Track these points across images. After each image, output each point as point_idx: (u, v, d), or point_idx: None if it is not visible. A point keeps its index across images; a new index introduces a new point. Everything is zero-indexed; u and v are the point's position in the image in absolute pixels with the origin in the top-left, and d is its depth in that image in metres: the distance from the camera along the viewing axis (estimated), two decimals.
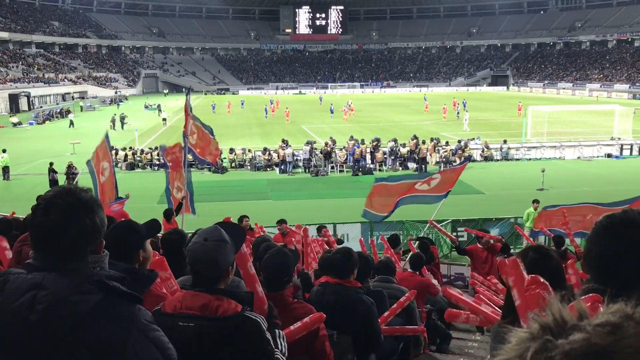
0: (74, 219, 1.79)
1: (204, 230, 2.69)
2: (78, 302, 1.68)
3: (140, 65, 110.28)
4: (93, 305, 1.69)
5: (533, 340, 0.84)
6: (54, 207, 1.79)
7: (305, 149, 28.46)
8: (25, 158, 30.82)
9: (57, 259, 1.77)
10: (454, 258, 15.34)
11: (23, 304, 1.68)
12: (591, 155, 30.44)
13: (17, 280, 1.76)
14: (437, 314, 7.52)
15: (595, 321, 0.83)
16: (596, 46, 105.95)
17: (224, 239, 2.61)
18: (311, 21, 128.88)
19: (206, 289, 2.58)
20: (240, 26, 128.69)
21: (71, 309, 1.67)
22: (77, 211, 1.80)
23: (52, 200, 1.81)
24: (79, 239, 1.79)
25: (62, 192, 1.85)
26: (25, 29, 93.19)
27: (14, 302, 1.70)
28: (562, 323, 0.85)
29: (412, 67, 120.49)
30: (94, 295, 1.71)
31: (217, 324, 2.48)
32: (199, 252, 2.57)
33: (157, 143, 34.21)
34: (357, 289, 4.31)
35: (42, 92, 72.18)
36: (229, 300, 2.56)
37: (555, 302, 0.89)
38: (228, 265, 2.63)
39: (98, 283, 1.74)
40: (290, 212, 17.60)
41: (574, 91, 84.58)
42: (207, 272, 2.57)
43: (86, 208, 1.83)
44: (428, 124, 44.61)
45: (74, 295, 1.69)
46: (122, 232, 2.97)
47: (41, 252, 1.81)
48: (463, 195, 22.87)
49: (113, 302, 1.73)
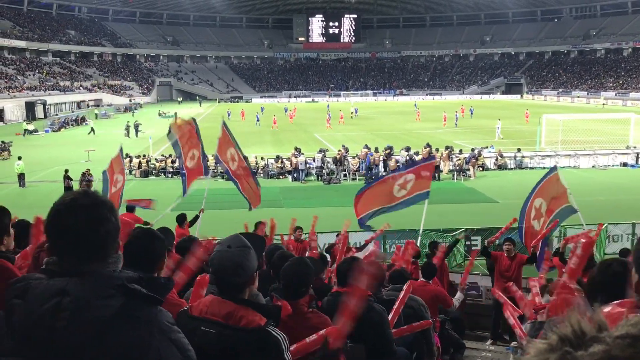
0: (103, 218, 1.79)
1: (226, 239, 2.73)
2: (102, 307, 1.68)
3: (154, 74, 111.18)
4: (116, 309, 1.69)
5: (552, 351, 0.83)
6: (80, 208, 1.77)
7: (318, 157, 28.48)
8: (40, 165, 31.12)
9: (79, 262, 1.76)
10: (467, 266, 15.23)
11: (48, 311, 1.67)
12: (606, 164, 30.14)
13: (39, 286, 1.74)
14: (451, 323, 7.47)
15: (615, 333, 0.82)
16: (611, 54, 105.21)
17: (248, 245, 2.63)
18: (324, 29, 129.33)
19: (233, 296, 2.58)
20: (254, 35, 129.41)
21: (96, 314, 1.67)
22: (103, 210, 1.81)
23: (76, 202, 1.79)
24: (106, 238, 1.80)
25: (81, 194, 1.84)
26: (42, 37, 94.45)
27: (38, 308, 1.68)
28: (581, 335, 0.84)
29: (426, 75, 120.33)
30: (116, 300, 1.71)
31: (238, 335, 2.48)
32: (224, 258, 2.58)
33: (171, 150, 34.39)
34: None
35: (57, 100, 72.98)
36: (253, 312, 2.56)
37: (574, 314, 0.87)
38: (253, 271, 2.65)
39: (120, 287, 1.74)
40: (303, 220, 17.57)
41: (589, 99, 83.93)
42: (233, 278, 2.58)
43: (109, 207, 1.84)
44: (441, 132, 44.47)
45: (97, 300, 1.69)
46: (147, 239, 2.94)
47: (66, 255, 1.78)
48: (476, 204, 22.77)
49: (135, 306, 1.73)
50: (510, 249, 9.96)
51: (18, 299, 1.75)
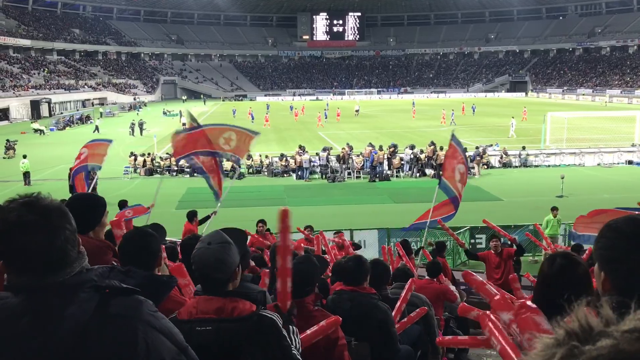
0: (56, 229, 1.66)
1: (206, 235, 2.74)
2: (76, 314, 1.60)
3: (159, 72, 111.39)
4: (92, 312, 1.61)
5: (559, 346, 0.83)
6: (29, 225, 1.62)
7: (322, 155, 28.48)
8: (45, 164, 31.23)
9: (42, 277, 1.64)
10: (471, 265, 15.23)
11: (23, 332, 1.56)
12: (611, 162, 30.04)
13: (5, 306, 1.62)
14: (455, 322, 7.46)
15: (623, 327, 0.82)
16: (616, 52, 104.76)
17: (228, 241, 2.64)
18: (328, 28, 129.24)
19: (218, 292, 2.59)
20: (258, 33, 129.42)
21: (72, 324, 1.58)
22: (55, 219, 1.67)
23: (23, 218, 1.62)
24: (66, 246, 1.68)
25: (25, 206, 1.66)
26: (46, 36, 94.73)
27: (9, 330, 1.58)
28: (588, 329, 0.84)
29: (430, 73, 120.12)
30: (90, 302, 1.63)
31: (235, 325, 2.50)
32: (205, 255, 2.59)
33: None
34: (371, 295, 4.31)
35: (62, 98, 73.19)
36: (243, 301, 2.59)
37: (581, 308, 0.87)
38: (235, 266, 2.65)
39: (92, 287, 1.67)
40: (307, 218, 17.59)
41: (594, 97, 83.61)
42: (215, 275, 2.58)
43: (59, 213, 1.69)
44: (445, 130, 44.39)
45: (69, 309, 1.60)
46: (143, 238, 3.01)
47: (25, 273, 1.65)
48: (481, 201, 22.72)
49: (112, 303, 1.66)
50: (497, 244, 10.06)
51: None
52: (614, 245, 1.74)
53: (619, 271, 1.72)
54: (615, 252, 1.74)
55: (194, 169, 11.02)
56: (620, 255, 1.72)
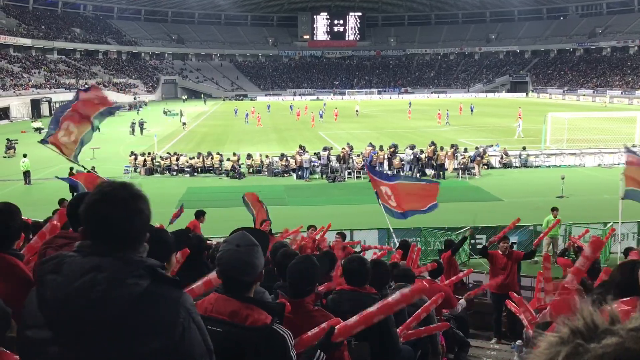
0: (138, 211, 1.87)
1: (233, 237, 2.71)
2: (133, 285, 1.76)
3: (159, 72, 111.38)
4: (145, 288, 1.77)
5: (564, 344, 0.83)
6: (119, 200, 1.84)
7: (323, 155, 28.47)
8: (45, 163, 31.21)
9: (112, 249, 1.82)
10: (472, 265, 15.22)
11: (84, 284, 1.74)
12: (612, 163, 30.01)
13: (74, 261, 1.81)
14: (455, 322, 7.46)
15: (628, 325, 0.81)
16: (617, 52, 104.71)
17: (256, 244, 2.63)
18: (329, 28, 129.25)
19: (238, 295, 2.58)
20: (259, 33, 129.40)
21: (128, 291, 1.74)
22: (140, 202, 1.89)
23: (114, 193, 1.86)
24: (141, 230, 1.89)
25: (120, 186, 1.90)
26: (47, 35, 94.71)
27: (73, 282, 1.75)
28: (593, 327, 0.83)
29: (430, 73, 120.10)
30: (145, 280, 1.79)
31: (245, 334, 2.48)
32: (233, 258, 2.57)
33: (176, 148, 34.48)
34: (372, 295, 4.30)
35: (63, 97, 73.09)
36: (259, 310, 2.57)
37: (586, 306, 0.87)
38: (261, 269, 2.65)
39: (148, 268, 1.82)
40: (307, 218, 17.58)
41: (595, 98, 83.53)
42: (243, 277, 2.58)
43: (144, 199, 1.91)
44: (445, 131, 44.42)
45: (129, 279, 1.76)
46: (157, 233, 3.00)
47: (100, 242, 1.84)
48: (481, 202, 22.73)
49: (162, 286, 1.82)
50: (506, 246, 10.03)
51: (53, 274, 1.80)
52: None
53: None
54: None
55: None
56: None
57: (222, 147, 33.25)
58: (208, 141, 40.14)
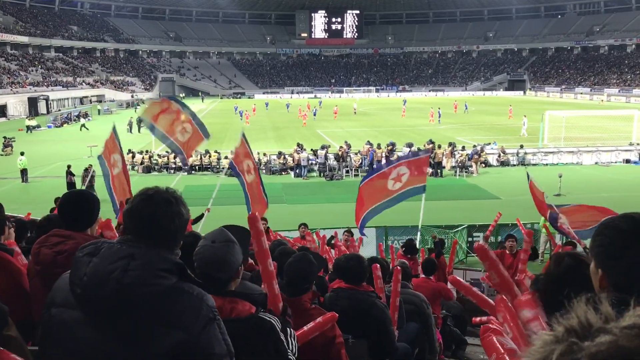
0: (179, 212, 1.98)
1: (210, 233, 2.70)
2: (162, 277, 1.85)
3: (157, 69, 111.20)
4: (173, 283, 1.86)
5: (558, 342, 0.84)
6: (161, 201, 1.96)
7: (320, 153, 28.46)
8: (43, 161, 31.18)
9: (152, 245, 1.92)
10: (469, 263, 15.26)
11: (117, 268, 1.83)
12: (609, 161, 30.08)
13: (111, 247, 1.92)
14: (453, 320, 7.48)
15: (622, 323, 0.82)
16: (615, 51, 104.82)
17: (232, 240, 2.61)
18: (327, 25, 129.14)
19: (218, 291, 2.58)
20: (257, 30, 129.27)
21: (157, 282, 1.83)
22: (180, 204, 2.00)
23: (159, 195, 1.98)
24: (179, 230, 2.00)
25: (161, 189, 2.02)
26: (44, 33, 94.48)
27: (107, 265, 1.84)
28: (587, 326, 0.84)
29: (428, 72, 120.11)
30: (173, 275, 1.88)
31: (232, 326, 2.48)
32: (208, 254, 2.56)
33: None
34: (369, 293, 4.31)
35: (60, 95, 73.05)
36: (242, 302, 2.57)
37: (580, 305, 0.88)
38: (238, 266, 2.63)
39: (178, 265, 1.92)
40: (305, 216, 17.61)
41: (592, 96, 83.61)
42: (218, 274, 2.57)
43: (184, 203, 2.03)
44: (443, 129, 44.44)
45: (159, 271, 1.86)
46: None
47: (140, 237, 1.94)
48: (479, 200, 22.76)
49: (188, 284, 1.91)
50: (513, 245, 9.96)
51: (89, 256, 1.90)
52: (612, 243, 1.74)
53: (615, 268, 1.72)
54: (613, 250, 1.74)
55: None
56: (617, 253, 1.72)
57: (220, 145, 33.20)
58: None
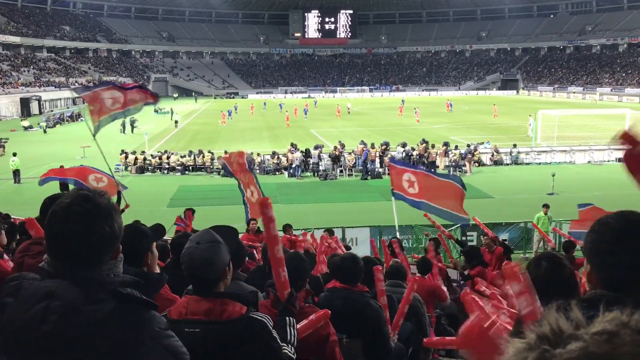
0: (94, 227, 1.75)
1: (196, 234, 2.70)
2: (90, 312, 1.67)
3: (150, 70, 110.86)
4: (106, 313, 1.68)
5: (531, 350, 0.85)
6: (72, 215, 1.75)
7: (314, 153, 28.45)
8: (36, 162, 31.01)
9: (73, 267, 1.75)
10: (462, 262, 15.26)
11: (36, 314, 1.67)
12: (602, 160, 30.21)
13: (31, 287, 1.75)
14: (447, 319, 7.48)
15: (592, 329, 0.83)
16: (607, 50, 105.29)
17: (217, 240, 2.61)
18: (320, 25, 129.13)
19: (208, 293, 2.57)
20: (250, 30, 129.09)
21: (83, 319, 1.66)
22: (97, 218, 1.76)
23: (70, 208, 1.76)
24: (98, 247, 1.78)
25: (79, 198, 1.79)
26: (36, 33, 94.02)
27: (27, 310, 1.69)
28: (559, 332, 0.85)
29: (422, 71, 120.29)
30: (106, 304, 1.70)
31: (224, 328, 2.48)
32: (194, 255, 2.56)
33: (167, 147, 34.37)
34: (364, 293, 4.31)
35: (52, 96, 72.68)
36: (233, 303, 2.56)
37: (552, 311, 0.89)
38: (225, 266, 2.63)
39: (112, 292, 1.73)
40: (299, 216, 17.62)
41: (585, 95, 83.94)
42: (204, 275, 2.56)
43: (105, 214, 1.79)
44: (437, 128, 44.52)
45: (86, 305, 1.68)
46: (129, 235, 3.00)
47: (58, 260, 1.78)
48: (472, 199, 22.74)
49: (126, 310, 1.72)
50: (490, 242, 10.10)
51: (10, 297, 1.76)
52: (601, 239, 1.76)
53: (604, 264, 1.74)
54: (601, 246, 1.76)
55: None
56: (605, 249, 1.74)
57: (214, 146, 33.15)
58: (199, 139, 40.01)
